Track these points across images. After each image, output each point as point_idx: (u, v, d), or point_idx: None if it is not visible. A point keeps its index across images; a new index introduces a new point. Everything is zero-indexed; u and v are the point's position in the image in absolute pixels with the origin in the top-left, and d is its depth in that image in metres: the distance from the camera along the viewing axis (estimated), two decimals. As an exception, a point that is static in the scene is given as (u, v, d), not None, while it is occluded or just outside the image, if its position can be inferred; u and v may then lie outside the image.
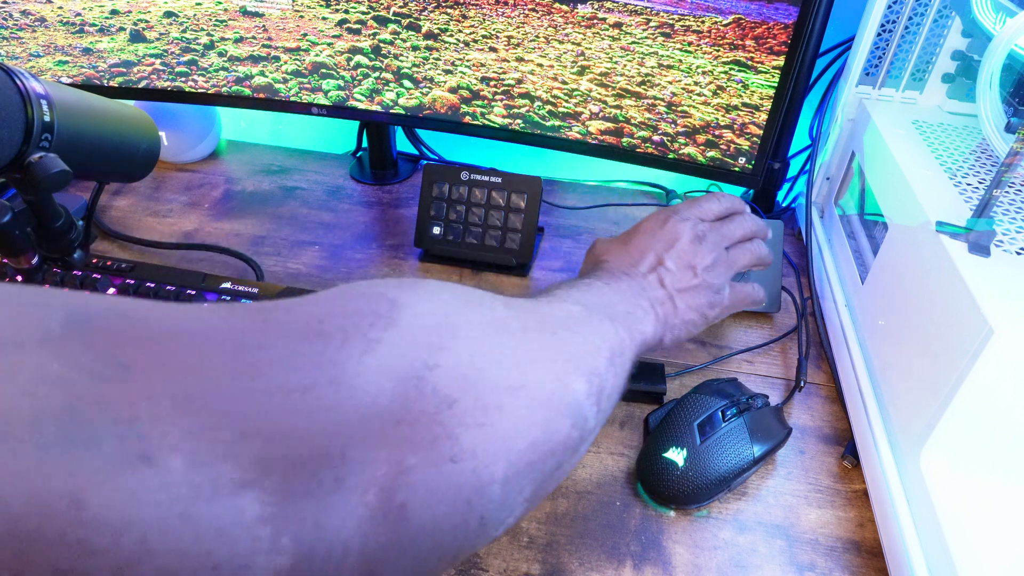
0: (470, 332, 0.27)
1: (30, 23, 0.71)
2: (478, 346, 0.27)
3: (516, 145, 0.72)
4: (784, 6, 0.56)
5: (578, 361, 0.32)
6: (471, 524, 0.25)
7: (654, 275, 0.44)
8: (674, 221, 0.47)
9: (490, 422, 0.25)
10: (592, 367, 0.32)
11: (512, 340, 0.29)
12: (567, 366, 0.31)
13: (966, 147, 0.55)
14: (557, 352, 0.31)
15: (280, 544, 0.19)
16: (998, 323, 0.34)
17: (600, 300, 0.39)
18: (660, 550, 0.44)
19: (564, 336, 0.32)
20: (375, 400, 0.22)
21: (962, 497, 0.38)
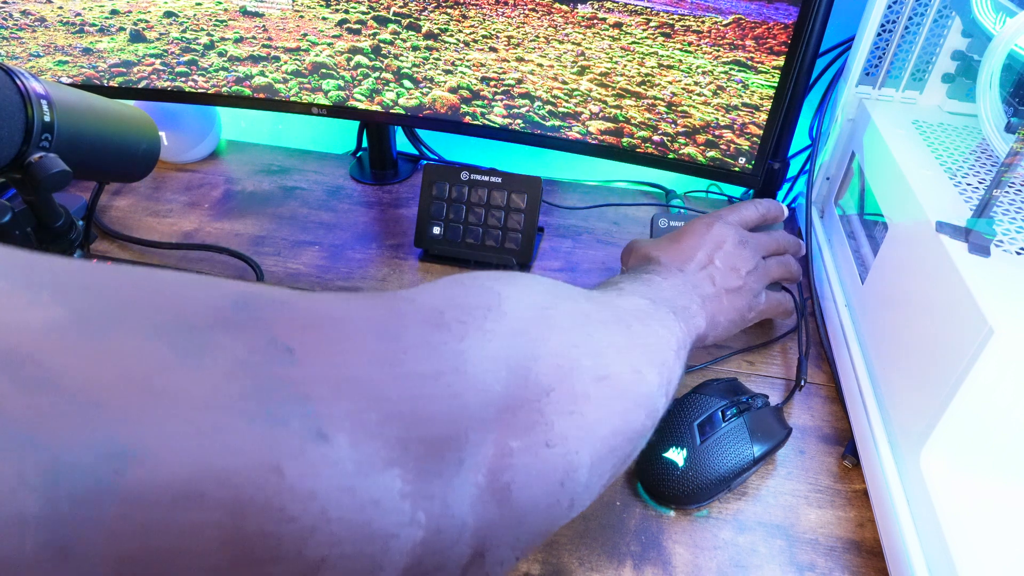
0: (563, 323, 0.29)
1: (30, 23, 0.71)
2: (571, 337, 0.29)
3: (516, 145, 0.72)
4: (784, 6, 0.56)
5: (652, 354, 0.34)
6: (563, 504, 0.27)
7: (704, 273, 0.47)
8: (720, 225, 0.50)
9: (580, 410, 0.27)
10: (663, 359, 0.35)
11: (597, 332, 0.31)
12: (643, 358, 0.33)
13: (966, 147, 0.55)
14: (634, 344, 0.33)
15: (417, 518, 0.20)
16: (998, 323, 0.34)
17: (661, 295, 0.41)
18: (660, 550, 0.44)
19: (638, 329, 0.34)
20: (491, 387, 0.24)
21: (962, 497, 0.38)
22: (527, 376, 0.26)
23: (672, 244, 0.49)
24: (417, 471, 0.21)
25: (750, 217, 0.54)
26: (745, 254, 0.50)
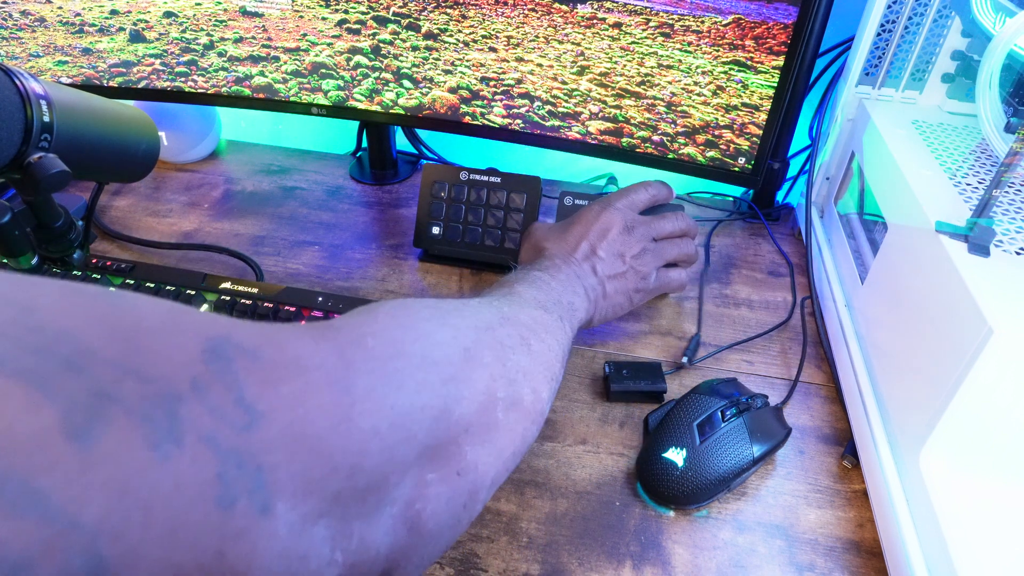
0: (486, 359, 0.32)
1: (30, 23, 0.71)
2: (491, 371, 0.32)
3: (516, 145, 0.72)
4: (784, 6, 0.56)
5: (546, 370, 0.37)
6: (463, 521, 0.30)
7: (588, 263, 0.51)
8: (608, 212, 0.53)
9: (491, 439, 0.31)
10: (553, 373, 0.38)
11: (509, 359, 0.34)
12: (540, 378, 0.36)
13: (966, 147, 0.55)
14: (534, 365, 0.36)
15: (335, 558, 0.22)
16: (998, 323, 0.34)
17: (551, 296, 0.45)
18: (660, 550, 0.44)
19: (537, 348, 0.37)
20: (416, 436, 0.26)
21: (962, 497, 0.38)
22: (450, 419, 0.28)
23: (562, 234, 0.53)
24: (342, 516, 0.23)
25: (639, 200, 0.56)
26: (630, 240, 0.53)
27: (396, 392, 0.26)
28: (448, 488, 0.28)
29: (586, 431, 0.52)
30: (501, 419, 0.32)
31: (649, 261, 0.54)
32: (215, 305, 0.58)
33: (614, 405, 0.54)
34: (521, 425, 0.33)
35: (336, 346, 0.26)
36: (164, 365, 0.20)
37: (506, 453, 0.32)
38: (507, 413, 0.32)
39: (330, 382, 0.24)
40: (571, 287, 0.47)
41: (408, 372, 0.27)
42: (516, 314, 0.39)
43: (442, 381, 0.29)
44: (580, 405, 0.54)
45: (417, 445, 0.26)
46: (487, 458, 0.30)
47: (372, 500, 0.24)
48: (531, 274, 0.47)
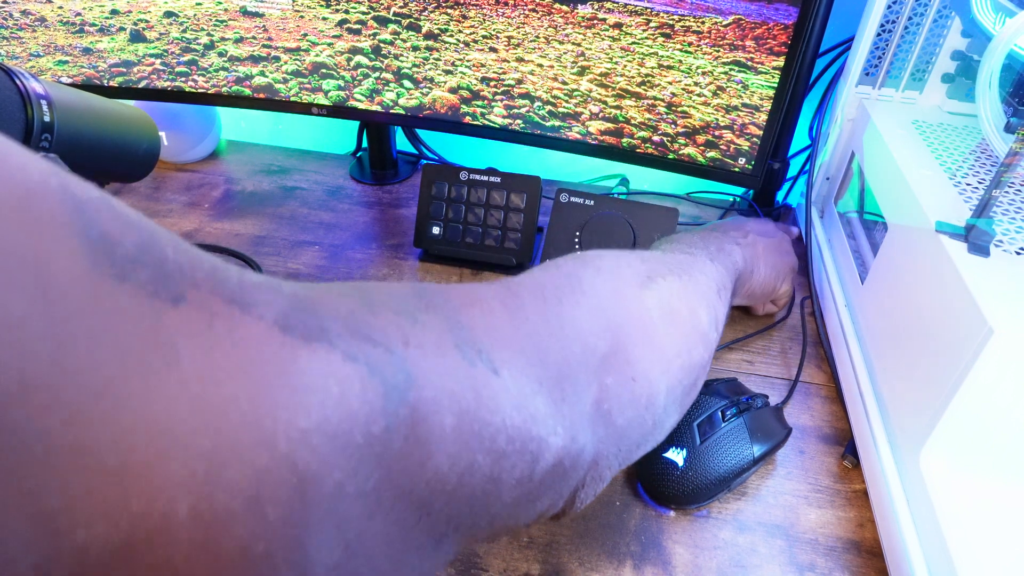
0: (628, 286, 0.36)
1: (30, 23, 0.71)
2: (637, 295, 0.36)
3: (516, 145, 0.72)
4: (784, 6, 0.56)
5: (699, 296, 0.40)
6: (648, 423, 0.33)
7: (738, 230, 0.54)
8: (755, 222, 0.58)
9: (654, 346, 0.34)
10: (709, 300, 0.41)
11: (656, 285, 0.37)
12: (694, 300, 0.39)
13: (966, 147, 0.55)
14: (685, 290, 0.39)
15: (557, 429, 0.27)
16: (998, 323, 0.34)
17: (697, 245, 0.48)
18: (660, 550, 0.44)
19: (686, 279, 0.40)
20: (593, 343, 0.31)
21: (962, 497, 0.38)
22: (614, 331, 0.32)
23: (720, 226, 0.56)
24: (551, 399, 0.27)
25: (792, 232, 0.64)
26: (785, 243, 0.59)
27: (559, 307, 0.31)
28: (626, 391, 0.32)
29: (586, 431, 0.52)
30: (660, 329, 0.35)
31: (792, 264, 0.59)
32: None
33: (614, 405, 0.54)
34: (682, 337, 0.36)
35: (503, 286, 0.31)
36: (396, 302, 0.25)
37: (673, 362, 0.35)
38: (665, 324, 0.35)
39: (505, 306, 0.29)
40: (717, 238, 0.50)
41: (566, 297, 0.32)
42: (659, 256, 0.42)
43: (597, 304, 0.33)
44: (580, 405, 0.54)
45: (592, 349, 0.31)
46: (654, 365, 0.33)
47: (569, 392, 0.29)
48: (677, 237, 0.50)
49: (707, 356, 0.39)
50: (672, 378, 0.35)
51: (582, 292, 0.33)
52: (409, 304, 0.25)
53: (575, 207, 0.65)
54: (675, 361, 0.35)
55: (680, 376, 0.36)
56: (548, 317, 0.30)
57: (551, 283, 0.33)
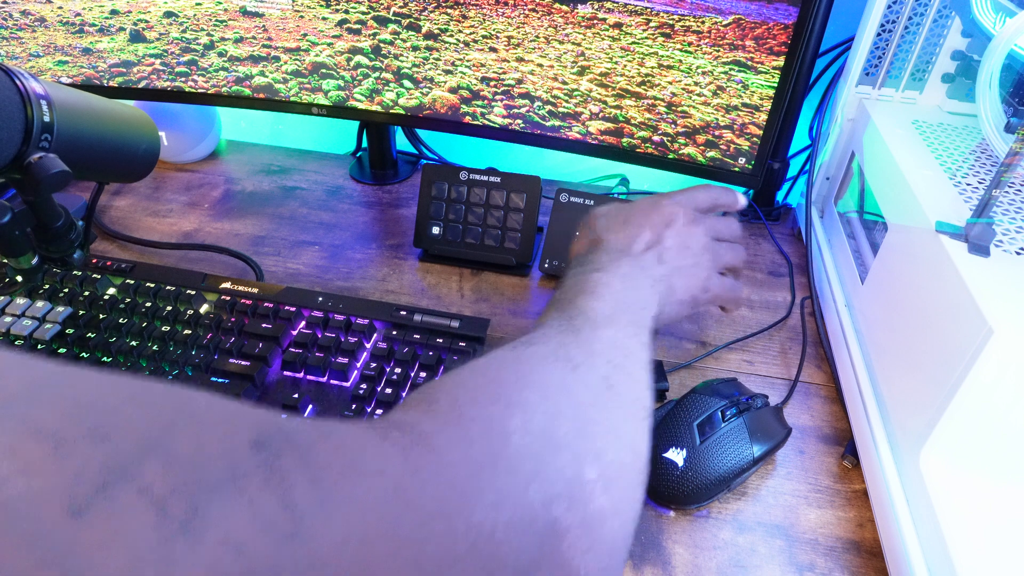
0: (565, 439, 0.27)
1: (30, 23, 0.71)
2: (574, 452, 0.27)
3: (516, 145, 0.72)
4: (784, 6, 0.56)
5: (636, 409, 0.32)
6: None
7: (652, 253, 0.45)
8: (668, 203, 0.48)
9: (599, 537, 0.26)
10: (645, 406, 0.33)
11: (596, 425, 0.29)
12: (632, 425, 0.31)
13: (966, 147, 0.55)
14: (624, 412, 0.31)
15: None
16: (998, 323, 0.34)
17: (618, 304, 0.39)
18: (660, 550, 0.44)
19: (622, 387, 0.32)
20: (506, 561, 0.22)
21: (962, 497, 0.38)
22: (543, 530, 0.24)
23: (620, 224, 0.47)
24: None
25: (701, 200, 0.51)
26: (696, 232, 0.48)
27: (472, 511, 0.22)
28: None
29: (586, 431, 0.52)
30: (603, 505, 0.26)
31: (712, 260, 0.48)
32: (215, 305, 0.58)
33: (614, 405, 0.54)
34: (628, 500, 0.28)
35: (399, 448, 0.23)
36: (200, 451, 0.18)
37: (619, 543, 0.27)
38: (608, 493, 0.27)
39: (396, 490, 0.21)
40: (634, 282, 0.42)
41: (486, 481, 0.24)
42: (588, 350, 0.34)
43: (523, 485, 0.24)
44: (580, 405, 0.54)
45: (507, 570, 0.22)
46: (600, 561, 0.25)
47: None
48: (590, 278, 0.41)
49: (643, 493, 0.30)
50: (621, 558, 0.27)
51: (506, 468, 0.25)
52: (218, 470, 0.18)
53: (575, 207, 0.66)
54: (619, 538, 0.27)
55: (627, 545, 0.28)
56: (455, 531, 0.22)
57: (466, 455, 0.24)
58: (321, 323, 0.56)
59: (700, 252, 0.47)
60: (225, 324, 0.55)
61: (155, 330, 0.55)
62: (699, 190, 0.51)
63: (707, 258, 0.48)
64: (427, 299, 0.65)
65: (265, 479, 0.18)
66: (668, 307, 0.44)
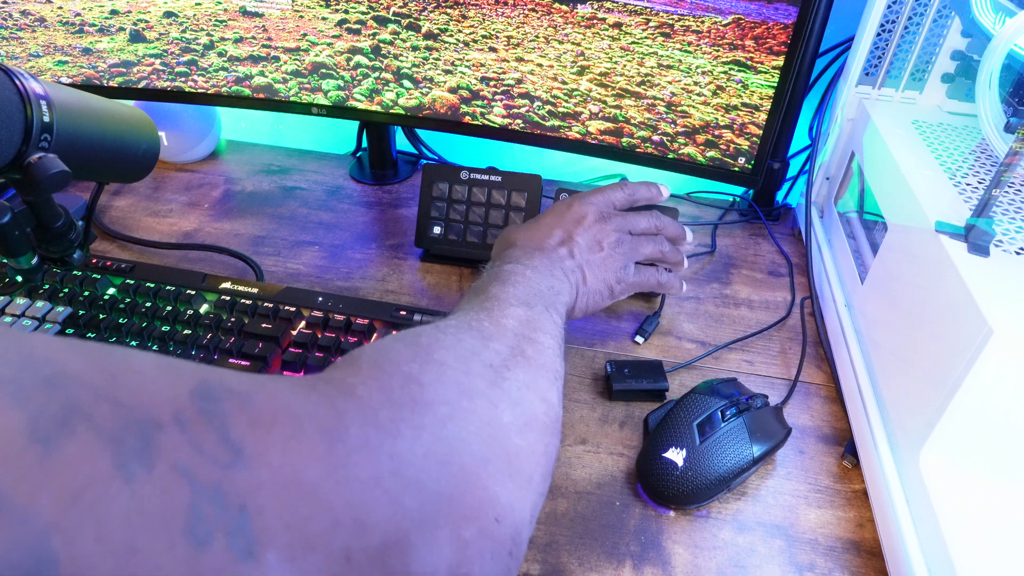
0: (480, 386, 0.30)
1: (30, 23, 0.71)
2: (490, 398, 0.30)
3: (516, 145, 0.72)
4: (784, 6, 0.56)
5: (548, 373, 0.35)
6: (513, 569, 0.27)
7: (564, 248, 0.48)
8: (580, 203, 0.52)
9: (516, 470, 0.28)
10: (555, 371, 0.36)
11: (506, 381, 0.32)
12: (545, 383, 0.34)
13: (966, 147, 0.55)
14: (534, 373, 0.34)
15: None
16: (998, 323, 0.34)
17: (531, 287, 0.42)
18: (660, 550, 0.44)
19: (531, 352, 0.35)
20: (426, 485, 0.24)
21: (962, 497, 0.38)
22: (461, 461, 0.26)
23: (532, 225, 0.51)
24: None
25: (616, 198, 0.54)
26: (607, 228, 0.51)
27: (392, 440, 0.25)
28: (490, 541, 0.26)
29: (586, 431, 0.52)
30: (519, 444, 0.29)
31: (626, 252, 0.52)
32: (215, 305, 0.58)
33: (614, 405, 0.54)
34: (541, 442, 0.31)
35: (326, 396, 0.25)
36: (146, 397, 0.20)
37: (535, 479, 0.30)
38: (523, 435, 0.30)
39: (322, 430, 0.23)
40: (548, 271, 0.45)
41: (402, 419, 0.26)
42: (499, 323, 0.37)
43: (440, 423, 0.27)
44: (580, 405, 0.54)
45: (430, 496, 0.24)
46: (518, 492, 0.28)
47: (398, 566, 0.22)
48: (503, 269, 0.43)
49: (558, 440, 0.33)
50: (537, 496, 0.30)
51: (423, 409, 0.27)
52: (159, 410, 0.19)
53: None
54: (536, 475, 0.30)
55: (542, 488, 0.30)
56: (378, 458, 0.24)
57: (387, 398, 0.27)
58: (321, 323, 0.56)
59: (612, 246, 0.51)
60: (225, 324, 0.55)
61: (155, 330, 0.55)
62: (614, 188, 0.55)
63: (620, 251, 0.51)
64: (427, 299, 0.65)
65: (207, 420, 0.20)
66: (583, 296, 0.48)
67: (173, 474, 0.18)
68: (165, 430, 0.19)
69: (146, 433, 0.19)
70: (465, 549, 0.24)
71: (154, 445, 0.18)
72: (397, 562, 0.22)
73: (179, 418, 0.20)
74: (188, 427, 0.19)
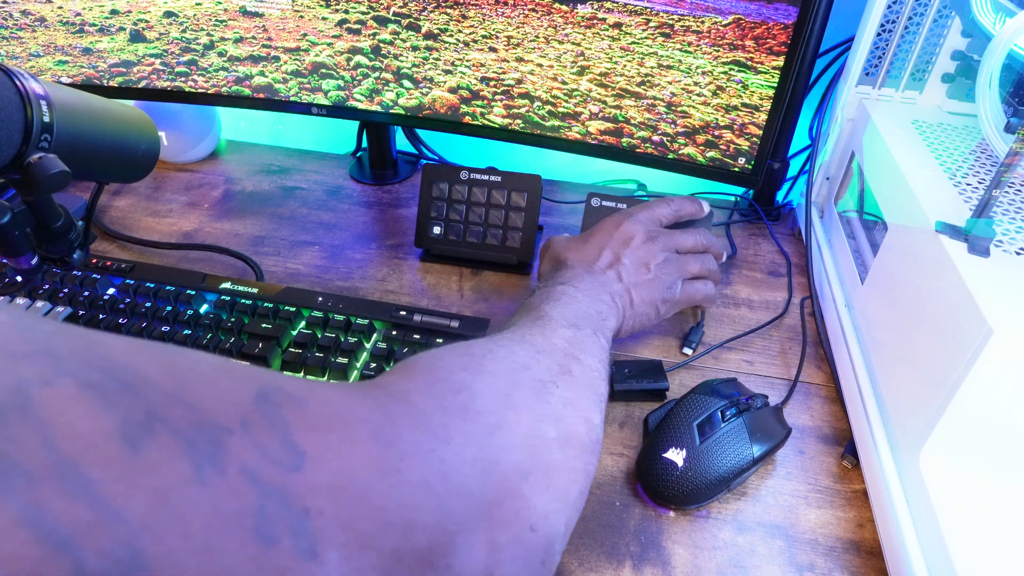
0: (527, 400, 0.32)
1: (30, 23, 0.71)
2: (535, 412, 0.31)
3: (516, 145, 0.72)
4: (784, 6, 0.56)
5: (592, 393, 0.36)
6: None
7: (612, 271, 0.50)
8: (628, 223, 0.53)
9: (553, 483, 0.29)
10: (599, 393, 0.37)
11: (553, 396, 0.33)
12: (588, 403, 0.35)
13: (966, 147, 0.55)
14: (579, 392, 0.35)
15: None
16: (997, 323, 0.34)
17: (579, 310, 0.43)
18: (659, 550, 0.44)
19: (578, 371, 0.36)
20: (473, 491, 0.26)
21: (961, 497, 0.38)
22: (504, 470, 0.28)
23: (582, 244, 0.52)
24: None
25: (662, 214, 0.55)
26: (654, 248, 0.52)
27: (443, 445, 0.26)
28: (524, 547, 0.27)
29: (586, 431, 0.52)
30: (559, 459, 0.30)
31: (673, 271, 0.53)
32: (215, 305, 0.58)
33: (614, 405, 0.54)
34: (581, 460, 0.32)
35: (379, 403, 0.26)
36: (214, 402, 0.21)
37: (572, 494, 0.31)
38: (563, 451, 0.31)
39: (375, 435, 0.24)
40: (597, 296, 0.46)
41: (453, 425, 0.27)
42: (549, 342, 0.38)
43: (487, 431, 0.28)
44: (580, 405, 0.54)
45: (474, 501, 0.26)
46: (554, 504, 0.29)
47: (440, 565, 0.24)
48: (555, 289, 0.46)
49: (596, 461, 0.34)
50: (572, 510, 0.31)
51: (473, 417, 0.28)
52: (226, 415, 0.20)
53: (607, 211, 0.62)
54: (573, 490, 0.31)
55: (579, 504, 0.31)
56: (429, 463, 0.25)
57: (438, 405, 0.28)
58: (321, 323, 0.56)
59: (659, 267, 0.52)
60: (225, 324, 0.55)
61: (155, 330, 0.55)
62: (659, 205, 0.56)
63: (666, 271, 0.52)
64: (427, 299, 0.65)
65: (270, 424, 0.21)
66: (629, 319, 0.49)
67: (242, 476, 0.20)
68: (233, 434, 0.20)
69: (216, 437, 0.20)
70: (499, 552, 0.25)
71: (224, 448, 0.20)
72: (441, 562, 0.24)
73: (244, 421, 0.21)
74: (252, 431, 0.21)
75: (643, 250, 0.52)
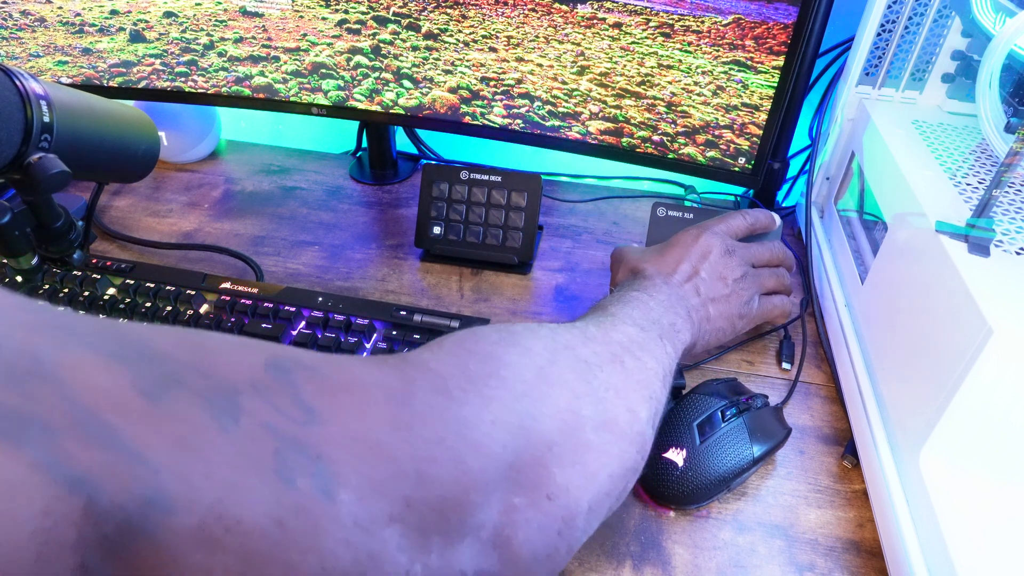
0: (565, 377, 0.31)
1: (30, 23, 0.71)
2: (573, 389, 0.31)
3: (516, 145, 0.72)
4: (784, 6, 0.56)
5: (642, 388, 0.35)
6: (561, 551, 0.28)
7: (690, 284, 0.49)
8: (707, 236, 0.51)
9: (581, 460, 0.29)
10: (652, 391, 0.36)
11: (596, 377, 0.33)
12: (635, 395, 0.34)
13: (966, 147, 0.55)
14: (627, 382, 0.35)
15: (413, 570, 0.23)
16: (998, 323, 0.34)
17: (650, 315, 0.42)
18: (660, 550, 0.44)
19: (631, 364, 0.36)
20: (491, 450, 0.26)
21: (961, 497, 0.38)
22: (528, 436, 0.28)
23: (660, 256, 0.51)
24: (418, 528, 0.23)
25: (738, 227, 0.55)
26: (732, 263, 0.51)
27: (460, 407, 0.26)
28: (539, 513, 0.27)
29: (586, 431, 0.52)
30: (592, 439, 0.30)
31: (750, 286, 0.52)
32: (215, 305, 0.58)
33: (614, 405, 0.54)
34: (616, 446, 0.31)
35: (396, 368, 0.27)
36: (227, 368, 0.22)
37: (601, 476, 0.30)
38: (598, 433, 0.31)
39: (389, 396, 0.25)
40: (672, 308, 0.45)
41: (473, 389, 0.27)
42: (606, 333, 0.37)
43: (514, 398, 0.28)
44: (580, 405, 0.54)
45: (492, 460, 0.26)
46: (579, 480, 0.29)
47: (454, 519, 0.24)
48: (628, 295, 0.45)
49: (640, 459, 0.34)
50: (598, 491, 0.30)
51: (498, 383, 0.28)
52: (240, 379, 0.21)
53: (673, 221, 0.61)
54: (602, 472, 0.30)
55: (608, 487, 0.31)
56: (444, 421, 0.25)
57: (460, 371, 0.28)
58: (321, 323, 0.56)
59: (736, 282, 0.51)
60: (225, 324, 0.55)
61: (155, 330, 0.55)
62: (735, 217, 0.55)
63: (743, 286, 0.51)
64: (427, 299, 0.65)
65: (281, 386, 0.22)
66: (705, 334, 0.48)
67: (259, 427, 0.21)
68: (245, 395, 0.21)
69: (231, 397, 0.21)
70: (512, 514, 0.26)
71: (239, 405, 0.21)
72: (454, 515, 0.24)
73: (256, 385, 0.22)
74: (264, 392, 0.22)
75: (721, 264, 0.51)
